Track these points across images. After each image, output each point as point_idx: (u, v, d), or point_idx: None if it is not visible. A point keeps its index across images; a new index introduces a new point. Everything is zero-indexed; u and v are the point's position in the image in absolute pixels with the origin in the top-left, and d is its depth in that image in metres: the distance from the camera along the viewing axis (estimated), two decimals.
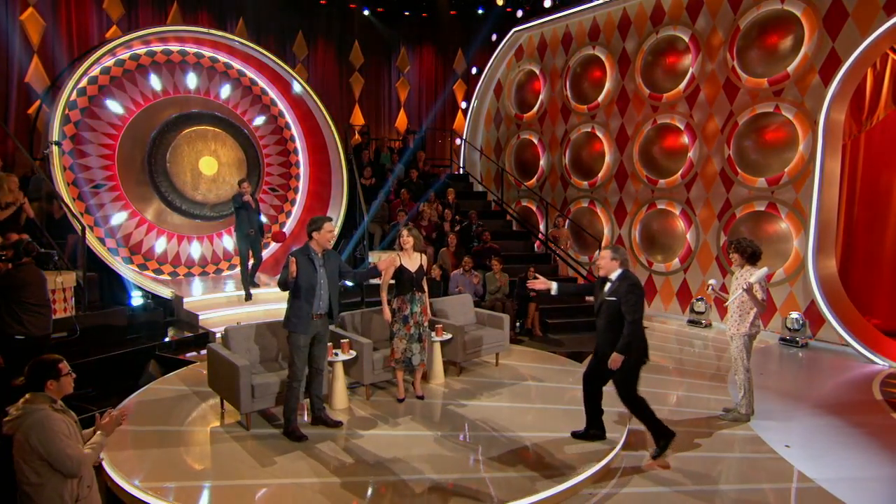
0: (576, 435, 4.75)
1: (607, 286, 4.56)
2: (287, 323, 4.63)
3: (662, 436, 4.61)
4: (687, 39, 9.65)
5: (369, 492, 3.91)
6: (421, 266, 5.40)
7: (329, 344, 5.30)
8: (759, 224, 8.86)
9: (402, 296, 5.34)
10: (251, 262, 8.54)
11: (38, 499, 2.64)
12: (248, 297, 8.43)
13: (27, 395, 2.79)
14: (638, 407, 4.59)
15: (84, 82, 8.70)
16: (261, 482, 3.98)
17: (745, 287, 5.19)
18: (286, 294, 4.67)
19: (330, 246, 4.77)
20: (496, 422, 5.04)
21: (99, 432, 2.97)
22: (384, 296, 5.36)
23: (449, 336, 6.07)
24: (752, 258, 5.31)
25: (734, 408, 5.59)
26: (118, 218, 9.08)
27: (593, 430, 4.76)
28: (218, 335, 7.45)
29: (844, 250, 9.01)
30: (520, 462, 4.33)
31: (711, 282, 5.70)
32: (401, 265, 5.31)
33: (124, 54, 9.11)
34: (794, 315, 8.28)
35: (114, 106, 9.04)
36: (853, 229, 9.22)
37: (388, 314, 5.37)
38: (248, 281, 8.48)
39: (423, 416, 5.22)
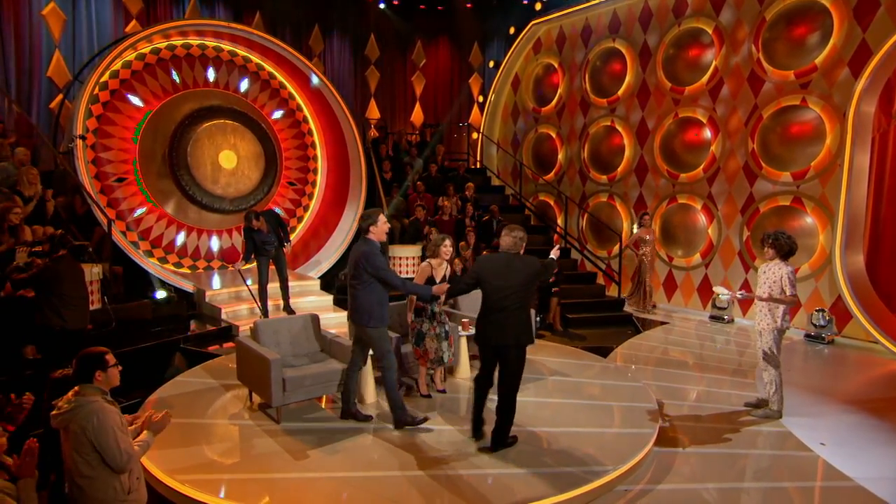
0: None
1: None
2: (372, 320, 4.57)
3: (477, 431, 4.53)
4: (710, 31, 9.53)
5: (402, 486, 3.90)
6: (445, 275, 5.33)
7: None
8: (784, 219, 8.76)
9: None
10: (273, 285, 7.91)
11: (92, 491, 2.65)
12: (265, 314, 7.73)
13: (76, 388, 2.80)
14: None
15: (106, 76, 8.73)
16: (296, 476, 3.99)
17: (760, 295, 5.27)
18: (312, 289, 4.67)
19: (385, 239, 4.72)
20: (523, 417, 4.99)
21: (147, 431, 2.98)
22: (411, 304, 5.33)
23: (474, 330, 6.03)
24: (788, 255, 5.26)
25: (757, 402, 5.56)
26: (139, 211, 9.12)
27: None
28: (242, 329, 7.49)
29: (871, 246, 8.87)
30: (550, 457, 4.30)
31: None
32: (431, 275, 5.25)
33: (145, 48, 9.13)
34: (821, 311, 8.19)
35: (135, 100, 9.07)
36: (881, 225, 9.07)
37: (410, 319, 5.33)
38: (266, 301, 7.79)
39: (450, 410, 5.20)
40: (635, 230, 10.09)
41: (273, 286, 7.92)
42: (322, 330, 5.48)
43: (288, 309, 7.90)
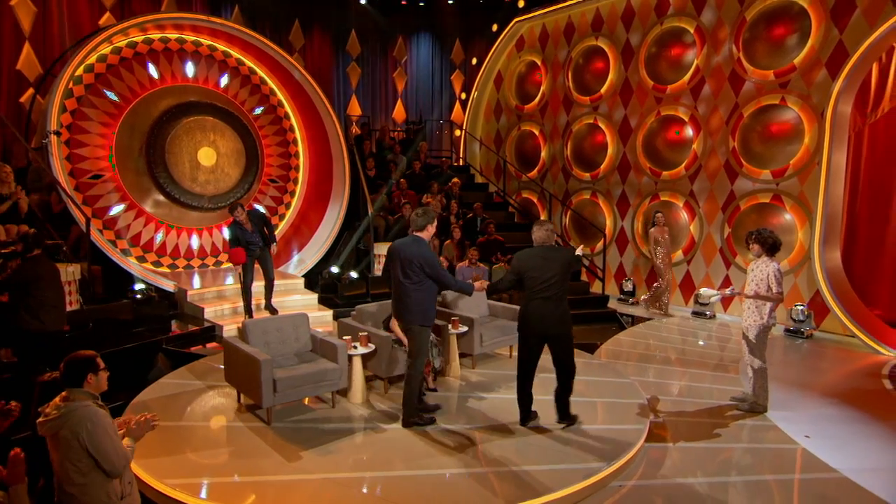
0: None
1: None
2: (420, 318, 4.58)
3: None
4: (692, 31, 9.66)
5: (396, 486, 3.88)
6: None
7: (348, 337, 5.28)
8: (764, 216, 8.93)
9: None
10: (258, 283, 7.78)
11: (85, 498, 2.57)
12: (249, 314, 7.64)
13: (65, 392, 2.71)
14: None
15: (80, 70, 8.50)
16: (290, 477, 3.93)
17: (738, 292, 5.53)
18: (296, 287, 4.63)
19: (428, 239, 4.70)
20: (513, 416, 5.02)
21: (127, 437, 2.90)
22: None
23: (465, 329, 6.04)
24: (773, 249, 5.35)
25: (743, 397, 5.66)
26: (116, 209, 8.90)
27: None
28: (226, 328, 7.37)
29: (847, 242, 9.11)
30: (542, 455, 4.32)
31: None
32: None
33: (121, 42, 8.90)
34: (800, 306, 8.38)
35: (111, 95, 8.84)
36: (855, 222, 9.33)
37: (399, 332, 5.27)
38: (250, 301, 7.65)
39: (443, 409, 5.18)
40: (651, 231, 9.51)
41: (258, 285, 7.80)
42: (311, 329, 5.41)
43: (270, 308, 7.79)
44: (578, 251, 5.18)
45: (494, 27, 13.18)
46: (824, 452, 4.67)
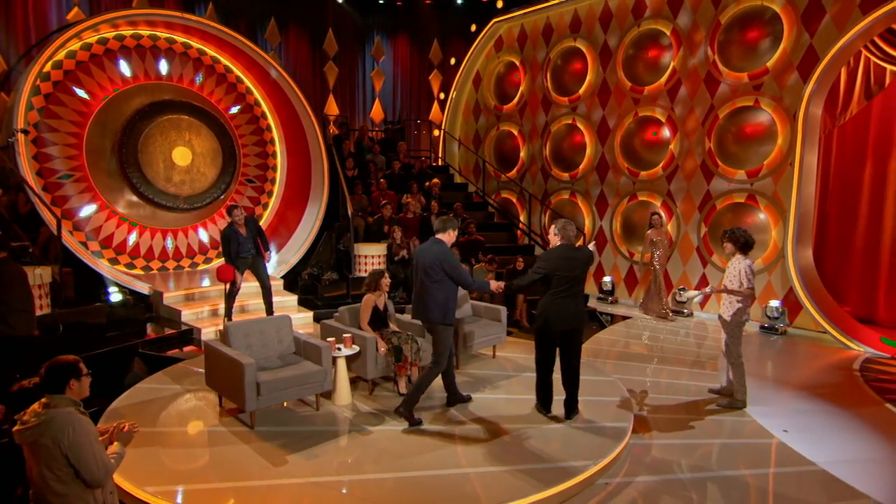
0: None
1: None
2: (445, 316, 4.78)
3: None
4: (669, 33, 9.82)
5: (380, 489, 3.85)
6: (385, 305, 5.72)
7: (332, 339, 5.24)
8: (739, 215, 9.12)
9: (377, 331, 5.56)
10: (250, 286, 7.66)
11: None
12: (229, 317, 7.40)
13: (45, 399, 2.63)
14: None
15: (48, 67, 8.25)
16: (275, 482, 3.88)
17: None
18: (275, 289, 4.63)
19: (451, 243, 4.97)
20: (502, 415, 5.04)
21: (117, 442, 2.83)
22: (368, 330, 5.51)
23: None
24: (745, 247, 5.51)
25: (720, 389, 5.85)
26: (87, 210, 8.67)
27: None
28: (204, 331, 7.24)
29: (818, 241, 9.37)
30: (528, 455, 4.34)
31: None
32: (375, 305, 5.57)
33: (91, 38, 8.67)
34: (774, 304, 8.58)
35: (81, 92, 8.61)
36: (826, 221, 9.60)
37: (383, 350, 5.41)
38: (231, 306, 7.47)
39: (428, 411, 5.17)
40: (648, 233, 9.39)
41: (247, 289, 7.64)
42: (294, 331, 5.34)
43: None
44: (591, 246, 5.51)
45: (473, 27, 13.23)
46: (802, 446, 4.80)
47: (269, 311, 7.59)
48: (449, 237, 4.89)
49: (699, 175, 9.59)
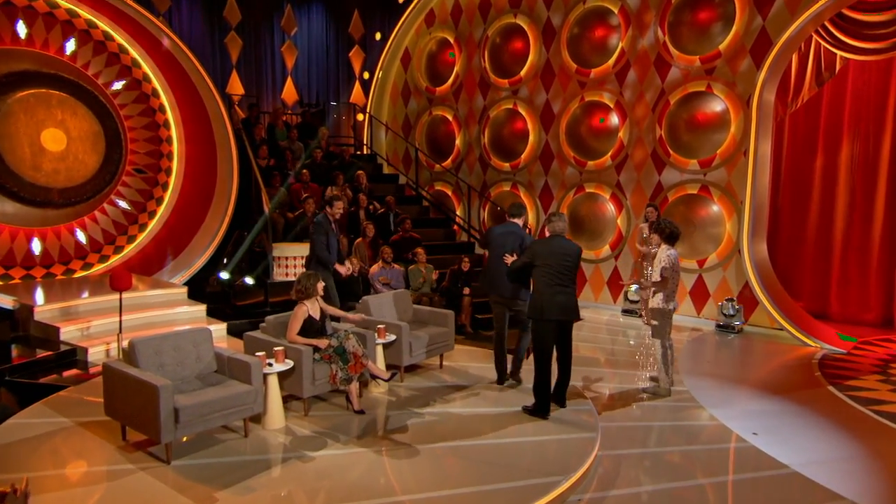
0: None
1: None
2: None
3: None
4: (616, 12, 10.23)
5: None
6: (319, 311, 5.61)
7: (261, 353, 5.08)
8: (692, 208, 9.67)
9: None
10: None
11: None
12: None
13: None
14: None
15: None
16: None
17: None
18: (178, 298, 4.44)
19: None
20: (459, 431, 5.07)
21: None
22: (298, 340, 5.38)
23: (393, 337, 5.99)
24: (670, 238, 6.26)
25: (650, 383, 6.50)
26: None
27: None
28: (92, 351, 6.80)
29: (770, 234, 10.08)
30: (496, 472, 4.39)
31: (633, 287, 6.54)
32: (309, 315, 5.46)
33: None
34: (730, 301, 9.15)
35: None
36: (778, 213, 10.36)
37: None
38: None
39: (373, 430, 5.11)
40: (641, 225, 9.29)
41: None
42: (215, 346, 5.12)
43: None
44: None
45: None
46: (773, 448, 5.14)
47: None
48: (523, 221, 6.22)
49: (650, 165, 10.07)
